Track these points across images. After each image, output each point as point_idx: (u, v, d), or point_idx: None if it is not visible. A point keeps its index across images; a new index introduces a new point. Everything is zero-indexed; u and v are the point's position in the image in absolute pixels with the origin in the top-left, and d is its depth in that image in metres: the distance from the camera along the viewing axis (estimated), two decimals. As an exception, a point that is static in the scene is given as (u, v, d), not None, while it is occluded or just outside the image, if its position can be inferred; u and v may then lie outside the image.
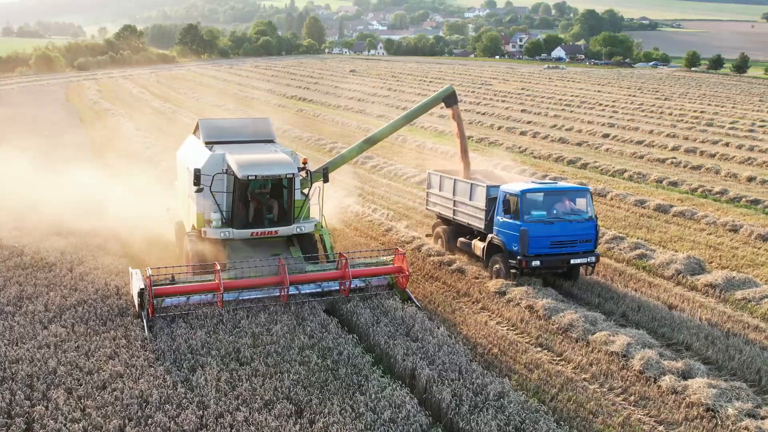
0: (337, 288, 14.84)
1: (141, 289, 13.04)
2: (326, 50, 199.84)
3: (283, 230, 15.36)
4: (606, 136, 43.95)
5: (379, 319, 13.72)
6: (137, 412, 10.02)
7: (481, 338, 13.35)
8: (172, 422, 9.76)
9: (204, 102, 61.69)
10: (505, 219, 16.07)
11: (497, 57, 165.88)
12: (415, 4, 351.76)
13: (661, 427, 10.50)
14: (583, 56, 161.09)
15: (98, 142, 38.44)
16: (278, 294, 14.32)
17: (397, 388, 10.85)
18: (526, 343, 13.38)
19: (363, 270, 15.18)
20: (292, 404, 10.36)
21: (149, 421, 9.76)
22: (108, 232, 19.16)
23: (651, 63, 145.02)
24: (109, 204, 21.04)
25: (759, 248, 20.23)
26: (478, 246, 17.27)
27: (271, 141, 17.38)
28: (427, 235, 20.13)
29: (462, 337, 13.33)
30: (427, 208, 20.43)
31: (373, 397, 10.58)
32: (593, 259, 16.15)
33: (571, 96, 70.52)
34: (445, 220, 19.31)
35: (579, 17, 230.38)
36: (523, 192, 15.82)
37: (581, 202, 16.39)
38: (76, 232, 19.16)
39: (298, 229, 15.52)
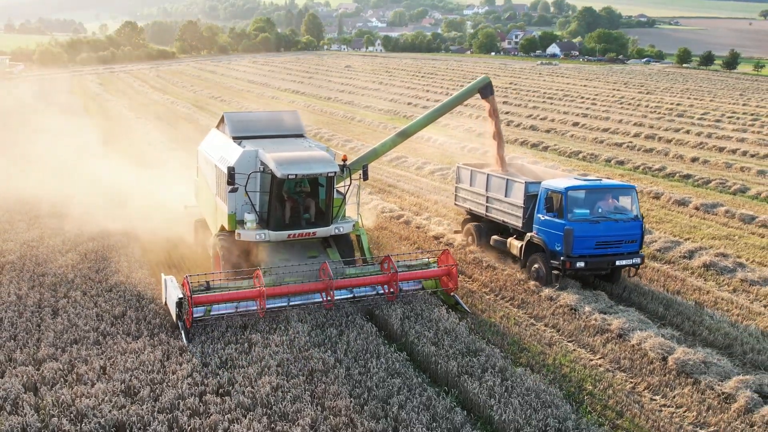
0: (382, 292, 13.98)
1: (180, 299, 12.13)
2: (324, 47, 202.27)
3: (322, 231, 14.43)
4: (576, 124, 46.39)
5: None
6: (135, 303, 13.49)
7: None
8: (161, 309, 13.15)
9: (201, 94, 65.08)
10: (547, 217, 15.17)
11: (493, 54, 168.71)
12: (414, 2, 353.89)
13: (532, 320, 13.89)
14: (577, 53, 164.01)
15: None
16: (320, 300, 13.36)
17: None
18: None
19: (411, 273, 14.20)
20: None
21: (144, 309, 13.19)
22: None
23: (643, 60, 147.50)
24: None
25: (672, 210, 23.57)
26: (515, 245, 16.39)
27: (301, 135, 16.37)
28: (455, 232, 19.35)
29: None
30: (456, 204, 19.38)
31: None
32: (638, 260, 15.26)
33: (556, 90, 72.70)
34: (475, 217, 18.35)
35: (577, 14, 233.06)
36: (568, 189, 14.92)
37: (626, 201, 15.49)
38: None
39: (337, 230, 14.64)
